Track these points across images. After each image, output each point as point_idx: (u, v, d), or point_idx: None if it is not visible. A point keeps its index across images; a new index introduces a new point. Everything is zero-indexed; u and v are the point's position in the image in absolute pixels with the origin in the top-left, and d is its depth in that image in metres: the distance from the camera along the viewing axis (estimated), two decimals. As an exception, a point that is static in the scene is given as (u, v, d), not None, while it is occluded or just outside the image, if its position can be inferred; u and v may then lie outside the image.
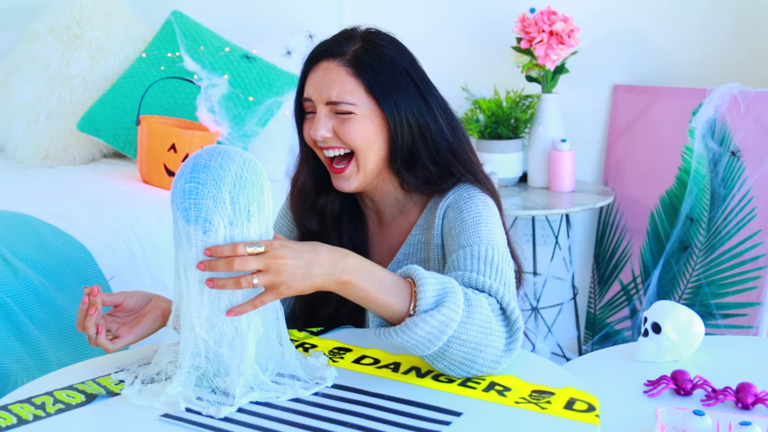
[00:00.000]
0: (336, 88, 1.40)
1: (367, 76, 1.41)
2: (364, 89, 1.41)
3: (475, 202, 1.40)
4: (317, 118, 1.42)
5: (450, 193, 1.44)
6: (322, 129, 1.41)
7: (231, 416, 1.08)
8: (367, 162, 1.43)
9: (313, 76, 1.44)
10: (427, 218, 1.47)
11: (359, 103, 1.41)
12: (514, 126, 2.71)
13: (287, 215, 1.59)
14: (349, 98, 1.40)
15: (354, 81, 1.41)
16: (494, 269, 1.27)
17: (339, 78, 1.41)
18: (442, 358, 1.16)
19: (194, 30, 2.74)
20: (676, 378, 1.34)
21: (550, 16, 2.53)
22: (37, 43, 2.83)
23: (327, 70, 1.42)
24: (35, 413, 1.11)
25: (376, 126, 1.42)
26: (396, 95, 1.42)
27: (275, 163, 2.74)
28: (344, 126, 1.41)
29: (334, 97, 1.40)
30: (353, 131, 1.41)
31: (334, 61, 1.42)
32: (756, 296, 2.43)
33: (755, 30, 2.57)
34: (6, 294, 1.76)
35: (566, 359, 2.77)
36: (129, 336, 1.28)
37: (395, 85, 1.42)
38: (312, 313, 1.50)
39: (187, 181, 1.12)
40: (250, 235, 1.12)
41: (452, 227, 1.38)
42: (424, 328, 1.12)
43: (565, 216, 2.77)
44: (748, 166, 2.47)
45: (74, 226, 2.07)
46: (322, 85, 1.41)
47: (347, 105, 1.40)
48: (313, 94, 1.43)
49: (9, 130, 2.80)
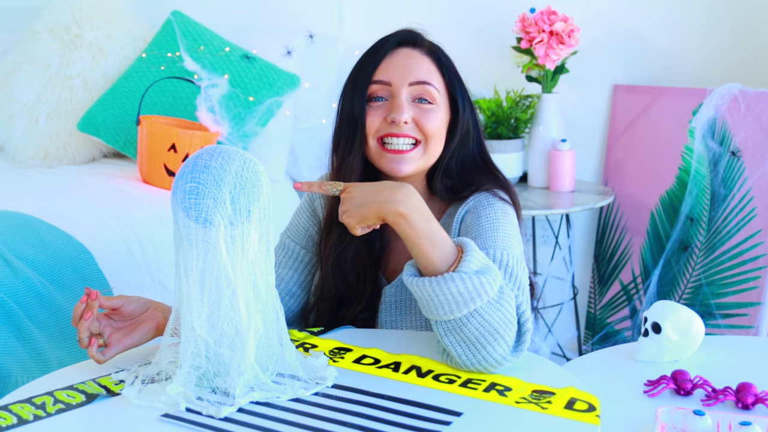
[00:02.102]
0: (421, 72, 1.43)
1: (446, 68, 1.46)
2: (444, 80, 1.45)
3: (494, 209, 1.42)
4: (399, 101, 1.41)
5: (470, 200, 1.45)
6: (407, 111, 1.41)
7: (231, 416, 1.08)
8: (433, 153, 1.45)
9: (391, 60, 1.44)
10: (445, 223, 1.48)
11: (440, 91, 1.44)
12: (514, 126, 2.71)
13: (305, 213, 1.57)
14: (435, 82, 1.43)
15: (436, 69, 1.45)
16: (509, 273, 1.29)
17: (424, 63, 1.44)
18: (457, 331, 1.17)
19: (194, 30, 2.74)
20: (676, 378, 1.34)
21: (550, 16, 2.53)
22: (37, 43, 2.83)
23: (409, 55, 1.45)
24: (35, 413, 1.11)
25: (446, 120, 1.46)
26: (461, 94, 1.47)
27: (275, 163, 2.74)
28: (426, 114, 1.42)
29: (422, 76, 1.42)
30: (435, 120, 1.42)
31: (415, 49, 1.46)
32: (756, 296, 2.44)
33: (755, 30, 2.57)
34: (6, 294, 1.76)
35: (566, 359, 2.77)
36: (118, 346, 1.26)
37: (460, 84, 1.48)
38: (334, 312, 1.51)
39: (188, 181, 1.12)
40: (251, 235, 1.12)
41: (469, 231, 1.40)
42: (459, 286, 1.14)
43: (565, 216, 2.77)
44: (748, 166, 2.48)
45: (74, 226, 2.07)
46: (407, 68, 1.43)
47: (432, 88, 1.42)
48: (394, 76, 1.43)
49: (9, 130, 2.80)
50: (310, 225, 1.56)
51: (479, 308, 1.15)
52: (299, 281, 1.55)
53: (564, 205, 2.51)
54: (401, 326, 1.47)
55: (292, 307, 1.55)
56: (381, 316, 1.48)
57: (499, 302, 1.16)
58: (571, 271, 2.81)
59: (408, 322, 1.46)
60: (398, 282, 1.48)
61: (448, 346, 1.18)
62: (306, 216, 1.57)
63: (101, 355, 1.25)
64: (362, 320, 1.48)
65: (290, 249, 1.56)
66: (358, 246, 1.48)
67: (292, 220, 1.59)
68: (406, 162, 1.43)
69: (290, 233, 1.57)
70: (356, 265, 1.48)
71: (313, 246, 1.56)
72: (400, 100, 1.41)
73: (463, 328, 1.16)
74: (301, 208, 1.58)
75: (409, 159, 1.43)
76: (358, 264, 1.48)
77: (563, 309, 2.83)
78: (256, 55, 2.72)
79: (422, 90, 1.42)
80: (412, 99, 1.42)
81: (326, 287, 1.50)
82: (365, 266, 1.49)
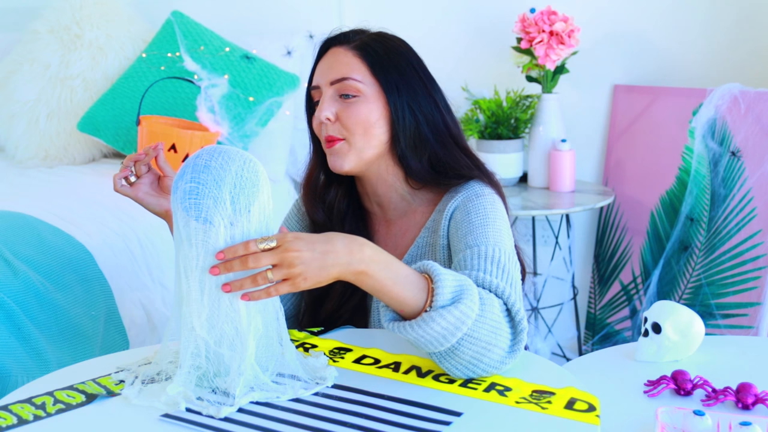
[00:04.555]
0: (342, 67, 1.44)
1: (372, 57, 1.45)
2: (369, 69, 1.44)
3: (482, 202, 1.41)
4: (322, 100, 1.44)
5: (459, 195, 1.44)
6: (326, 110, 1.43)
7: (231, 416, 1.08)
8: (365, 147, 1.44)
9: (321, 64, 1.48)
10: (435, 220, 1.48)
11: (364, 81, 1.43)
12: (514, 126, 2.71)
13: (297, 213, 1.61)
14: (355, 75, 1.43)
15: (359, 61, 1.44)
16: (501, 270, 1.27)
17: (345, 59, 1.45)
18: (452, 357, 1.16)
19: (194, 30, 2.74)
20: (677, 378, 1.34)
21: (550, 16, 2.53)
22: (37, 43, 2.83)
23: (334, 54, 1.46)
24: (35, 413, 1.11)
25: (378, 110, 1.44)
26: (399, 79, 1.45)
27: (275, 163, 2.74)
28: (349, 109, 1.43)
29: (341, 72, 1.43)
30: (356, 114, 1.42)
31: (341, 47, 1.46)
32: (756, 296, 2.43)
33: (755, 30, 2.57)
34: (6, 294, 1.76)
35: (566, 359, 2.77)
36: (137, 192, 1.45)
37: (399, 70, 1.45)
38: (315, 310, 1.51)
39: (188, 182, 1.12)
40: (251, 236, 1.12)
41: (459, 227, 1.39)
42: (440, 323, 1.11)
43: (565, 216, 2.77)
44: (748, 166, 2.48)
45: (74, 226, 2.07)
46: (329, 68, 1.45)
47: (352, 81, 1.42)
48: (320, 79, 1.46)
49: (9, 130, 2.80)
50: (301, 229, 1.59)
51: (466, 332, 1.13)
52: None
53: (564, 205, 2.51)
54: None
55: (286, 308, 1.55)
56: (374, 314, 1.48)
57: (483, 317, 1.14)
58: (571, 271, 2.81)
59: None
60: None
61: (447, 369, 1.18)
62: (295, 220, 1.61)
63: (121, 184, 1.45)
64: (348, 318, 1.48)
65: None
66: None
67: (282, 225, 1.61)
68: (338, 157, 1.44)
69: None
70: None
71: None
72: (322, 101, 1.44)
73: (456, 352, 1.15)
74: (291, 213, 1.62)
75: (338, 152, 1.44)
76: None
77: (563, 309, 2.83)
78: (256, 55, 2.72)
79: (342, 86, 1.43)
80: (339, 96, 1.44)
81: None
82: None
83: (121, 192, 1.47)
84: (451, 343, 1.13)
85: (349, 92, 1.43)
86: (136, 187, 1.47)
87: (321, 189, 1.54)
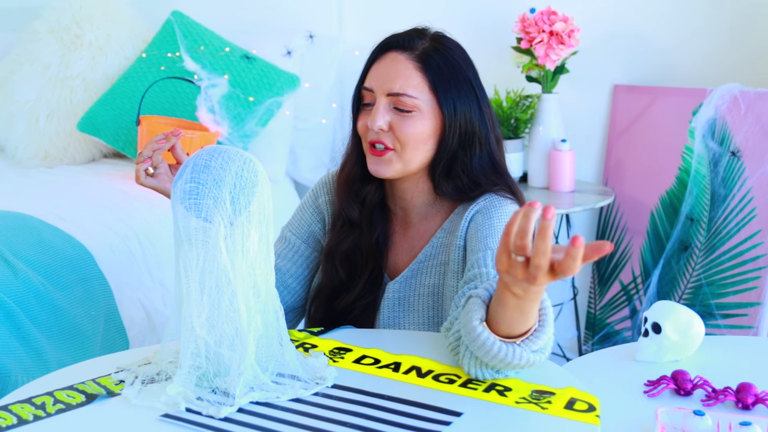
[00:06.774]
0: (400, 81, 1.42)
1: (433, 73, 1.43)
2: (429, 86, 1.43)
3: (506, 210, 1.43)
4: (376, 108, 1.43)
5: (480, 201, 1.46)
6: (379, 120, 1.42)
7: (231, 416, 1.08)
8: (412, 160, 1.44)
9: (378, 66, 1.46)
10: (453, 222, 1.49)
11: (421, 98, 1.42)
12: (515, 126, 2.71)
13: (309, 209, 1.60)
14: (412, 92, 1.42)
15: (420, 75, 1.43)
16: None
17: (406, 71, 1.43)
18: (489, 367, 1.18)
19: (194, 30, 2.74)
20: (677, 378, 1.34)
21: (550, 16, 2.53)
22: (37, 43, 2.83)
23: (394, 60, 1.44)
24: (35, 413, 1.11)
25: (432, 126, 1.44)
26: (456, 98, 1.44)
27: (275, 163, 2.74)
28: (403, 122, 1.42)
29: (396, 88, 1.42)
30: (411, 128, 1.42)
31: (403, 54, 1.44)
32: (756, 296, 2.43)
33: (755, 30, 2.57)
34: (6, 294, 1.76)
35: (566, 359, 2.77)
36: (159, 182, 1.47)
37: (457, 87, 1.44)
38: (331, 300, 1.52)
39: (188, 181, 1.12)
40: (251, 235, 1.12)
41: (479, 229, 1.41)
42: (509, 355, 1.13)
43: (565, 216, 2.77)
44: (748, 166, 2.47)
45: (74, 226, 2.07)
46: (387, 76, 1.43)
47: (408, 98, 1.41)
48: (375, 84, 1.44)
49: (9, 130, 2.80)
50: (313, 221, 1.58)
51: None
52: (296, 274, 1.57)
53: (564, 205, 2.51)
54: (402, 322, 1.48)
55: (287, 299, 1.56)
56: (383, 311, 1.49)
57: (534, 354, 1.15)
58: (571, 271, 2.80)
59: (409, 319, 1.47)
60: (402, 279, 1.50)
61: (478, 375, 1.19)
62: (309, 212, 1.59)
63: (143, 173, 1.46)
64: (358, 314, 1.49)
65: (291, 242, 1.58)
66: (357, 239, 1.51)
67: (295, 215, 1.61)
68: (383, 165, 1.44)
69: (292, 227, 1.60)
70: (354, 255, 1.51)
71: (313, 242, 1.59)
72: (377, 107, 1.43)
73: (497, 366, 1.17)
74: (305, 204, 1.61)
75: (385, 162, 1.44)
76: (356, 254, 1.51)
77: (563, 309, 2.83)
78: (256, 55, 2.72)
79: (399, 100, 1.42)
80: (393, 106, 1.43)
81: (323, 276, 1.53)
82: (364, 258, 1.51)
83: (145, 184, 1.47)
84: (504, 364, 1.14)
85: (405, 108, 1.42)
86: (160, 178, 1.47)
87: (357, 183, 1.53)
